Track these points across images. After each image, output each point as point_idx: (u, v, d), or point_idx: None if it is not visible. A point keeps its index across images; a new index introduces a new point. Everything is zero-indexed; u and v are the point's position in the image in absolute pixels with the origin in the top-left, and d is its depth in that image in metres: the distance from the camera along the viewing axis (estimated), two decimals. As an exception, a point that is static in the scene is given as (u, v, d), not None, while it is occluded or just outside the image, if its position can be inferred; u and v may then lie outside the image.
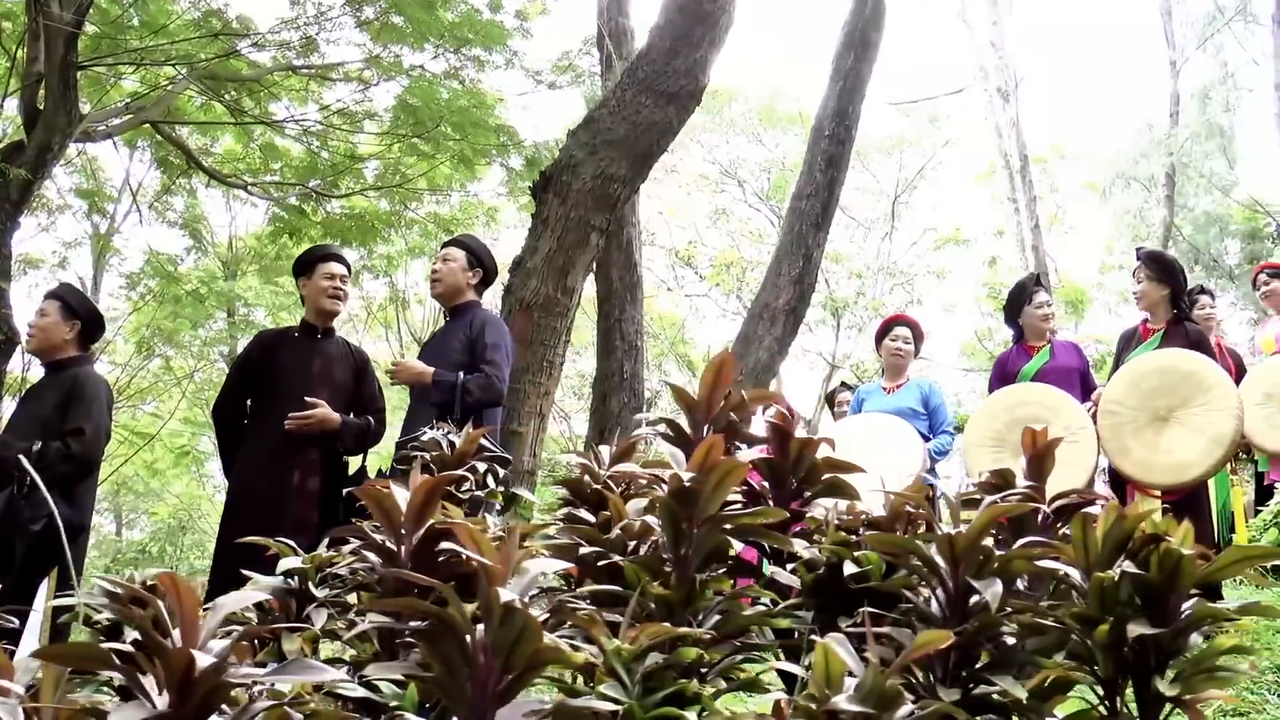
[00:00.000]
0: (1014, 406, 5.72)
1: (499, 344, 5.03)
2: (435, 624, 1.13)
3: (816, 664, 1.08)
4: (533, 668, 1.09)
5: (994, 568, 1.35)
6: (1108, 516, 1.38)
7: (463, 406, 4.77)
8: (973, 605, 1.34)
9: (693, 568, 1.44)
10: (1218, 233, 19.62)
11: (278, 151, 12.96)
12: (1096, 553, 1.36)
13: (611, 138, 6.80)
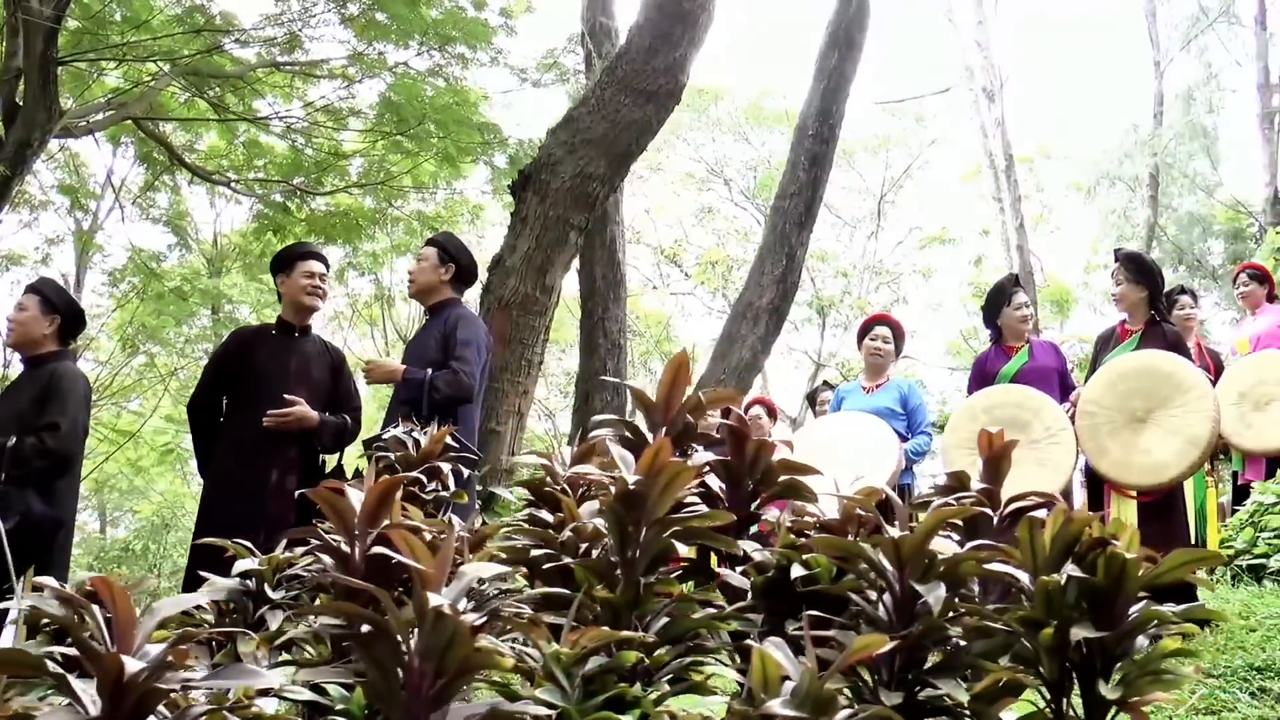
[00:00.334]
0: (993, 408, 5.73)
1: (470, 340, 4.97)
2: (370, 628, 1.12)
3: (753, 669, 1.08)
4: (464, 673, 1.09)
5: (940, 571, 1.35)
6: (1055, 519, 1.38)
7: (430, 404, 4.72)
8: (919, 609, 1.34)
9: (639, 571, 1.44)
10: (1201, 233, 19.70)
11: (262, 148, 12.90)
12: (1044, 556, 1.36)
13: (590, 136, 6.79)
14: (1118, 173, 20.62)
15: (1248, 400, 7.01)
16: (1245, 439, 7.01)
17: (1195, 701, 4.26)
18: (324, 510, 1.64)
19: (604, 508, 1.47)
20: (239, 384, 5.14)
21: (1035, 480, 5.43)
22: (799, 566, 1.45)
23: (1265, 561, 6.22)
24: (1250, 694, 4.28)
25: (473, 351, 4.94)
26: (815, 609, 1.36)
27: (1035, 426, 5.56)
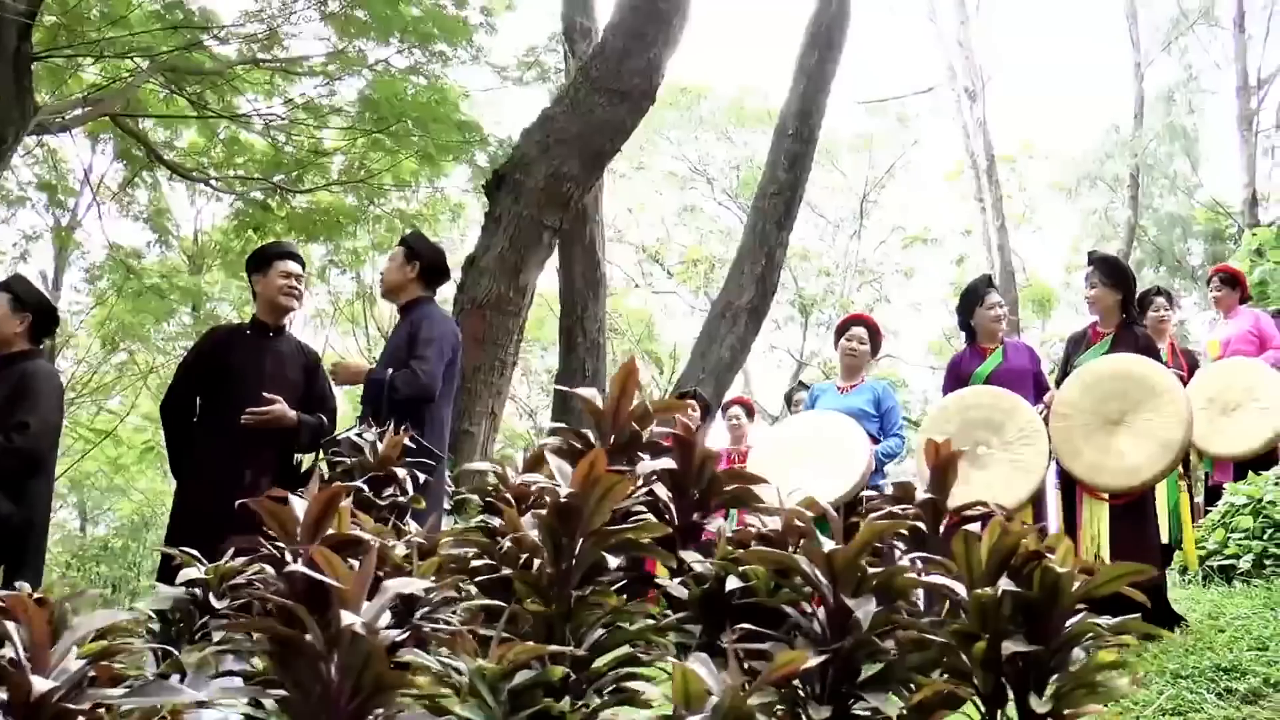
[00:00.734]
0: (967, 409, 5.74)
1: (432, 339, 4.89)
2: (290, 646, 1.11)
3: (675, 685, 1.07)
4: (380, 690, 1.08)
5: (873, 585, 1.35)
6: (992, 533, 1.38)
7: (390, 404, 4.68)
8: (851, 622, 1.33)
9: (573, 583, 1.43)
10: (1181, 234, 19.78)
11: (242, 145, 12.83)
12: (980, 570, 1.36)
13: (564, 137, 6.77)
14: (1099, 173, 20.69)
15: (1216, 405, 7.04)
16: (1213, 443, 7.04)
17: (1163, 702, 4.27)
18: (266, 521, 1.63)
19: (538, 520, 1.46)
20: (213, 384, 5.10)
21: (1008, 481, 5.46)
22: (735, 579, 1.44)
23: (1235, 562, 6.24)
24: (1217, 695, 4.30)
25: (434, 350, 4.86)
26: (752, 621, 1.36)
27: (1009, 428, 5.58)
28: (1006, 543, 1.36)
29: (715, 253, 22.14)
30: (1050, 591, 1.31)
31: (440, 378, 4.90)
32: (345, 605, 1.09)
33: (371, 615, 1.10)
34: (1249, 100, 17.09)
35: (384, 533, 2.03)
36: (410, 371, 4.77)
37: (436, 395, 4.89)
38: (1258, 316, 8.14)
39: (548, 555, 1.44)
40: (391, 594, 1.17)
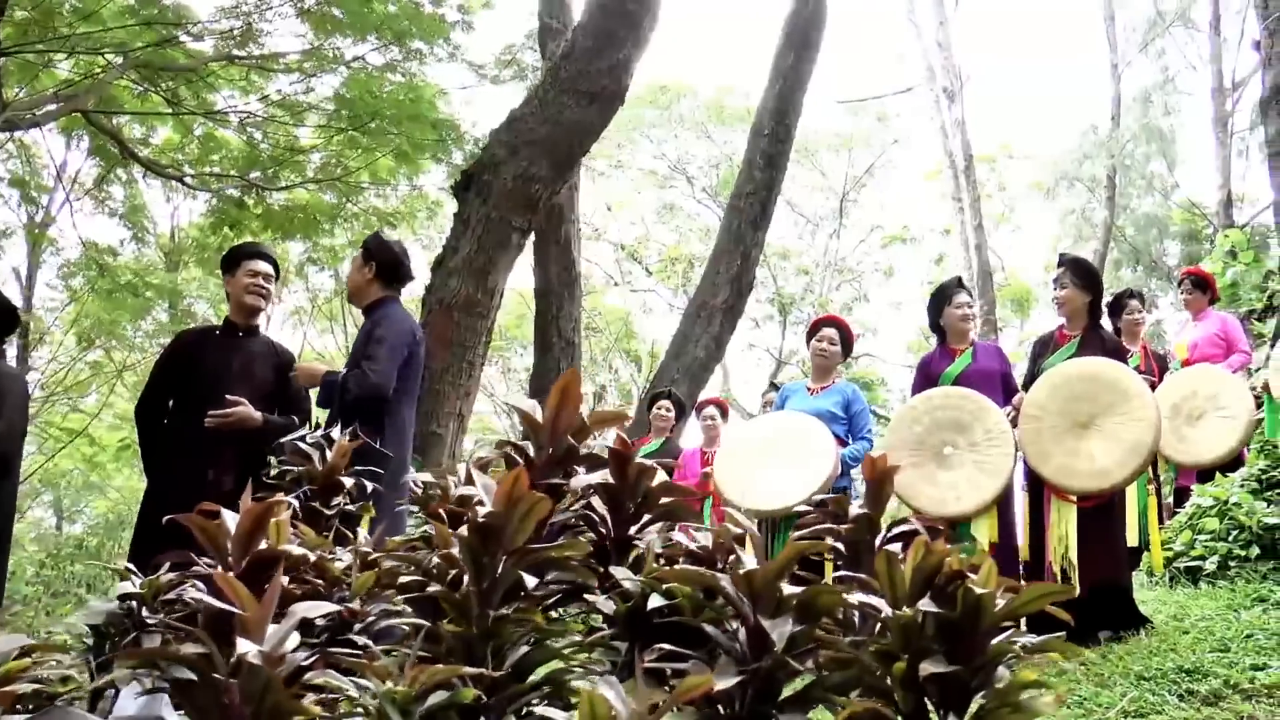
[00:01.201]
0: (934, 410, 5.75)
1: (384, 338, 4.79)
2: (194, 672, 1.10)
3: (581, 709, 1.06)
4: (278, 717, 1.07)
5: (794, 604, 1.34)
6: (916, 552, 1.38)
7: (341, 405, 4.64)
8: (770, 642, 1.33)
9: (494, 602, 1.42)
10: (1157, 234, 19.87)
11: (218, 142, 12.76)
12: (903, 589, 1.36)
13: (533, 138, 6.75)
14: (1076, 173, 20.77)
15: (1180, 414, 7.06)
16: (1177, 451, 7.07)
17: (1125, 704, 4.30)
18: (197, 536, 1.61)
19: (458, 539, 1.45)
20: (184, 385, 5.09)
21: (973, 483, 5.48)
22: (658, 597, 1.43)
23: (1201, 564, 6.28)
24: (1178, 696, 4.33)
25: (386, 349, 4.76)
26: (678, 638, 1.35)
27: (976, 429, 5.59)
28: (930, 562, 1.36)
29: (695, 251, 22.15)
30: (972, 611, 1.31)
31: (393, 377, 4.78)
32: (248, 632, 1.08)
33: (276, 641, 1.09)
34: (1224, 102, 17.17)
35: (324, 545, 2.02)
36: (360, 371, 4.69)
37: (389, 394, 4.77)
38: (1225, 320, 8.19)
39: (469, 574, 1.43)
40: (297, 618, 1.16)
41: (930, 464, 5.65)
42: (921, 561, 1.36)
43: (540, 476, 1.83)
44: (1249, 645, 4.69)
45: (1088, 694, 4.44)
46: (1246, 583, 5.85)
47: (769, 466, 6.05)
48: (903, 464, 5.68)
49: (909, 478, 5.69)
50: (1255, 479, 6.58)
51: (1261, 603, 5.42)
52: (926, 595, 1.34)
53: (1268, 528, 6.11)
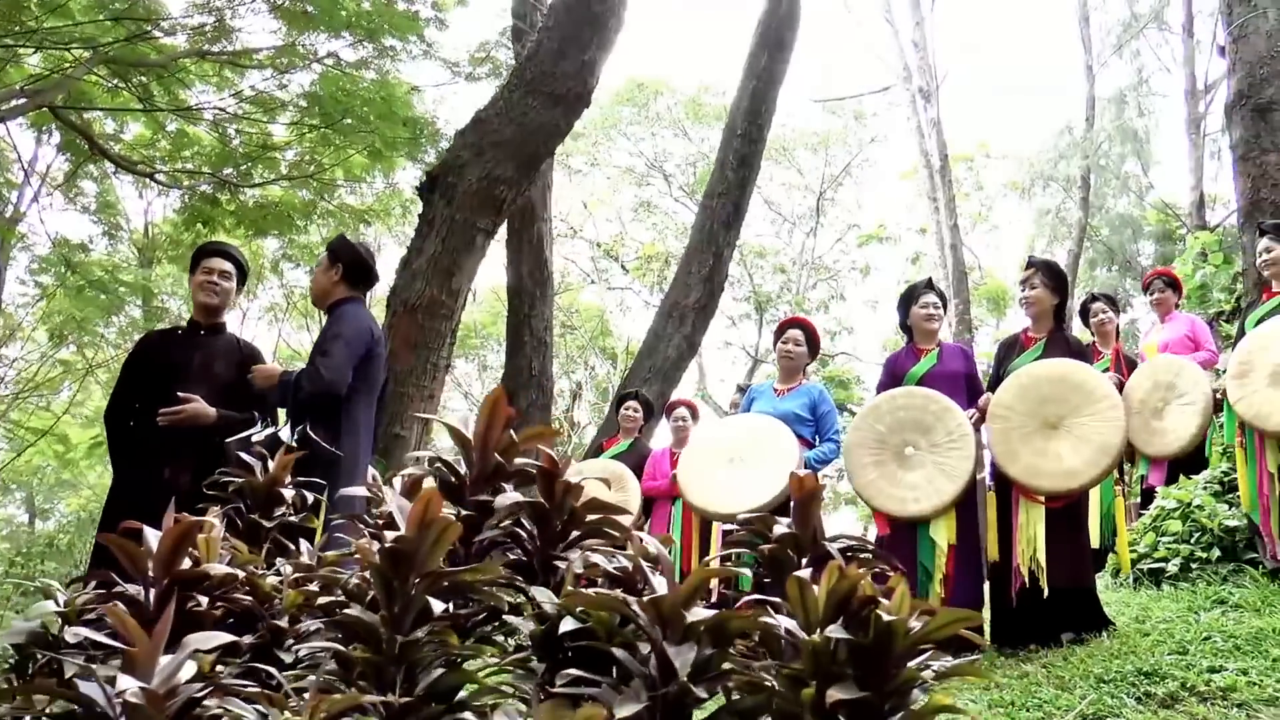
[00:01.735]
0: (897, 409, 5.78)
1: (339, 334, 4.79)
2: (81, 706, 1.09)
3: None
4: (162, 755, 1.06)
5: (702, 629, 1.34)
6: (829, 576, 1.37)
7: (295, 402, 4.64)
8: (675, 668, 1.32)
9: (406, 626, 1.41)
10: (1131, 234, 20.00)
11: (190, 138, 12.66)
12: (816, 614, 1.36)
13: (498, 139, 6.72)
14: (1052, 173, 20.87)
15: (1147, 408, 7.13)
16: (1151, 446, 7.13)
17: (1084, 707, 4.33)
18: (117, 556, 1.60)
19: (369, 563, 1.44)
20: (146, 386, 5.10)
21: (933, 484, 5.50)
22: (571, 620, 1.42)
23: (1164, 565, 6.33)
24: (1136, 699, 4.36)
25: (339, 345, 4.76)
26: (593, 662, 1.35)
27: (937, 430, 5.62)
28: (842, 587, 1.36)
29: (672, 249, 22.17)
30: (883, 637, 1.31)
31: (348, 375, 4.77)
32: (135, 667, 1.07)
33: (166, 674, 1.08)
34: (1197, 104, 17.28)
35: (255, 561, 2.00)
36: (314, 369, 4.69)
37: (342, 392, 4.76)
38: (1194, 321, 8.26)
39: (380, 597, 1.42)
40: (191, 649, 1.15)
41: (891, 464, 5.68)
42: (834, 585, 1.36)
43: (471, 493, 1.82)
44: (1207, 648, 4.74)
45: (1048, 697, 4.47)
46: (1207, 585, 5.90)
47: (732, 469, 6.07)
48: (864, 463, 5.75)
49: (870, 477, 5.72)
50: (1217, 481, 6.64)
51: (1221, 605, 5.47)
52: (839, 620, 1.34)
53: (1228, 530, 6.16)
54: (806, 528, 1.71)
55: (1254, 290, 6.99)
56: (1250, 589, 5.59)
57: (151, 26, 10.56)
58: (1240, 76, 7.31)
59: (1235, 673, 4.38)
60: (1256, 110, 7.22)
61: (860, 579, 1.35)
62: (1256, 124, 7.19)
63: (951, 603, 5.53)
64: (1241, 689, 4.22)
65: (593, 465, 8.10)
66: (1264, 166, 7.09)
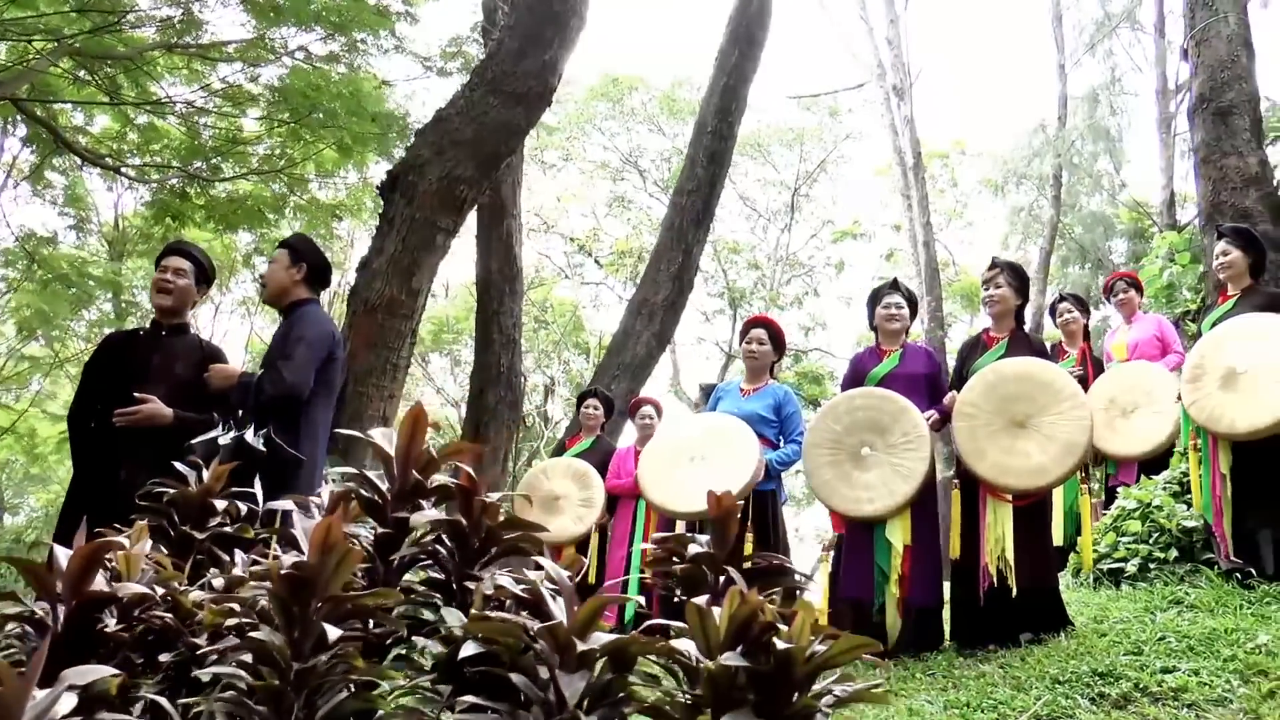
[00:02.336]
0: (855, 410, 5.81)
1: (302, 337, 4.80)
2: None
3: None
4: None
5: (598, 655, 1.34)
6: (731, 602, 1.37)
7: (257, 405, 4.63)
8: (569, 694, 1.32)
9: (305, 652, 1.40)
10: (1103, 232, 20.09)
11: (158, 132, 12.55)
12: (716, 639, 1.36)
13: (459, 139, 6.68)
14: (1025, 171, 20.96)
15: (1117, 406, 7.21)
16: (1112, 443, 7.22)
17: (1039, 708, 4.35)
18: (25, 578, 1.58)
19: (267, 589, 1.43)
20: (107, 387, 5.07)
21: (887, 484, 5.53)
22: (472, 644, 1.42)
23: (1123, 565, 6.36)
24: (1090, 700, 4.39)
25: (302, 348, 4.77)
26: (497, 687, 1.34)
27: (893, 431, 5.64)
28: (743, 612, 1.36)
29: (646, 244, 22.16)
30: (782, 663, 1.31)
31: (310, 378, 4.79)
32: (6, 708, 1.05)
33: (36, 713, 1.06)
34: (1168, 104, 17.37)
35: (177, 578, 1.99)
36: (276, 372, 4.69)
37: (305, 395, 4.78)
38: (1160, 322, 8.32)
39: (280, 623, 1.41)
40: (64, 686, 1.14)
41: (848, 464, 5.71)
42: (735, 611, 1.36)
43: (391, 509, 1.81)
44: (1161, 648, 4.77)
45: (1004, 698, 4.49)
46: (1165, 585, 5.94)
47: (692, 467, 6.08)
48: (821, 463, 5.78)
49: (826, 477, 5.75)
50: (1177, 482, 6.67)
51: (1177, 605, 5.51)
52: (739, 646, 1.34)
53: (1186, 530, 6.19)
54: (723, 546, 1.70)
55: (1212, 293, 7.05)
56: (1205, 589, 5.63)
57: (118, 18, 10.45)
58: (1202, 80, 7.36)
59: (1187, 673, 4.41)
60: (1217, 114, 7.27)
61: (760, 605, 1.35)
62: (1217, 127, 7.25)
63: (909, 602, 5.56)
64: (1193, 689, 4.25)
65: (556, 464, 8.11)
66: (1224, 169, 7.15)
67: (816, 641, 1.35)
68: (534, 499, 7.83)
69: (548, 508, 7.81)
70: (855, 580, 5.72)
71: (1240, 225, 6.48)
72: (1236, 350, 5.68)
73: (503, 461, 10.57)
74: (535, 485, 7.93)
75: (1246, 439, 5.52)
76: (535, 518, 7.75)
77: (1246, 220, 6.91)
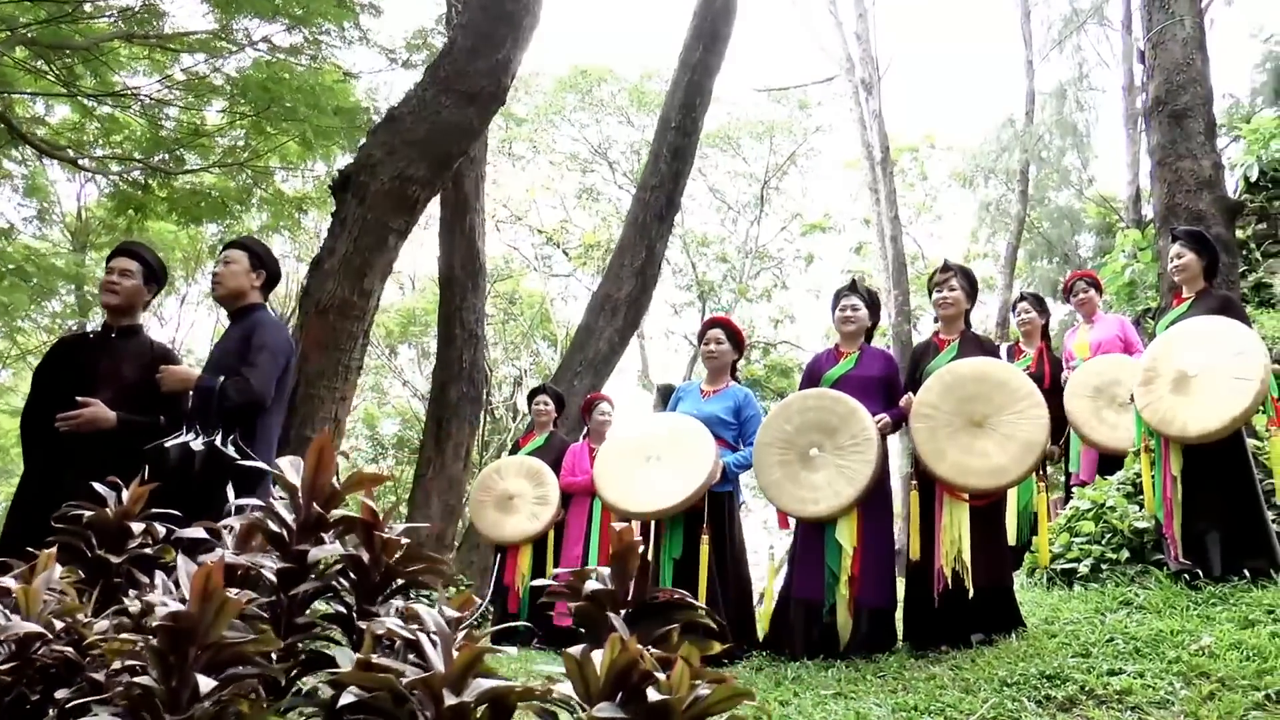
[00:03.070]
0: (807, 410, 5.84)
1: (265, 345, 4.84)
2: None
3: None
4: None
5: (472, 708, 1.33)
6: (611, 648, 1.36)
7: (221, 412, 4.62)
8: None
9: (184, 703, 1.38)
10: (1070, 227, 20.21)
11: (119, 123, 12.40)
12: (596, 686, 1.35)
13: (411, 138, 6.62)
14: (993, 166, 21.05)
15: (1103, 395, 7.21)
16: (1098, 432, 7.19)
17: (985, 711, 4.38)
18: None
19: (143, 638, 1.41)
20: (55, 391, 5.03)
21: (833, 486, 5.56)
22: (350, 692, 1.40)
23: (1076, 566, 6.40)
24: (1037, 702, 4.42)
25: (266, 356, 4.81)
26: (379, 734, 1.33)
27: (842, 434, 5.67)
28: (622, 660, 1.35)
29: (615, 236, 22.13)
30: (659, 714, 1.30)
31: (273, 386, 4.84)
32: None
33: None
34: (1134, 100, 17.45)
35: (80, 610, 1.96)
36: (243, 379, 4.70)
37: (268, 403, 4.82)
38: (1122, 322, 8.38)
39: (157, 674, 1.39)
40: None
41: (796, 464, 5.74)
42: (615, 659, 1.35)
43: (296, 542, 1.80)
44: (1109, 650, 4.81)
45: (952, 700, 4.52)
46: (1116, 586, 5.99)
47: (648, 467, 6.08)
48: (771, 462, 5.80)
49: (775, 476, 5.78)
50: (1130, 482, 6.72)
51: (1127, 606, 5.56)
52: (618, 695, 1.33)
53: (1138, 531, 6.24)
54: (624, 583, 1.69)
55: (1166, 295, 7.09)
56: (1154, 590, 5.68)
57: (74, 7, 10.30)
58: (1159, 83, 7.39)
59: (1133, 675, 4.45)
60: (1172, 117, 7.31)
61: (639, 654, 1.34)
62: (1172, 130, 7.29)
63: (860, 603, 5.59)
64: (1137, 692, 4.29)
65: (509, 463, 8.10)
66: (1179, 172, 7.19)
67: (700, 687, 1.35)
68: (489, 499, 7.82)
69: (503, 507, 7.80)
70: (807, 581, 5.74)
71: (1194, 228, 6.53)
72: (1188, 353, 5.73)
73: (465, 457, 10.53)
74: (490, 485, 7.92)
75: (1197, 442, 5.57)
76: (491, 518, 7.79)
77: (1200, 223, 6.95)
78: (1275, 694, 4.03)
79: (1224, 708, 3.98)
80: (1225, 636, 4.67)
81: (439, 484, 10.27)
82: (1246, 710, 3.98)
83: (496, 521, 7.78)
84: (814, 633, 5.65)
